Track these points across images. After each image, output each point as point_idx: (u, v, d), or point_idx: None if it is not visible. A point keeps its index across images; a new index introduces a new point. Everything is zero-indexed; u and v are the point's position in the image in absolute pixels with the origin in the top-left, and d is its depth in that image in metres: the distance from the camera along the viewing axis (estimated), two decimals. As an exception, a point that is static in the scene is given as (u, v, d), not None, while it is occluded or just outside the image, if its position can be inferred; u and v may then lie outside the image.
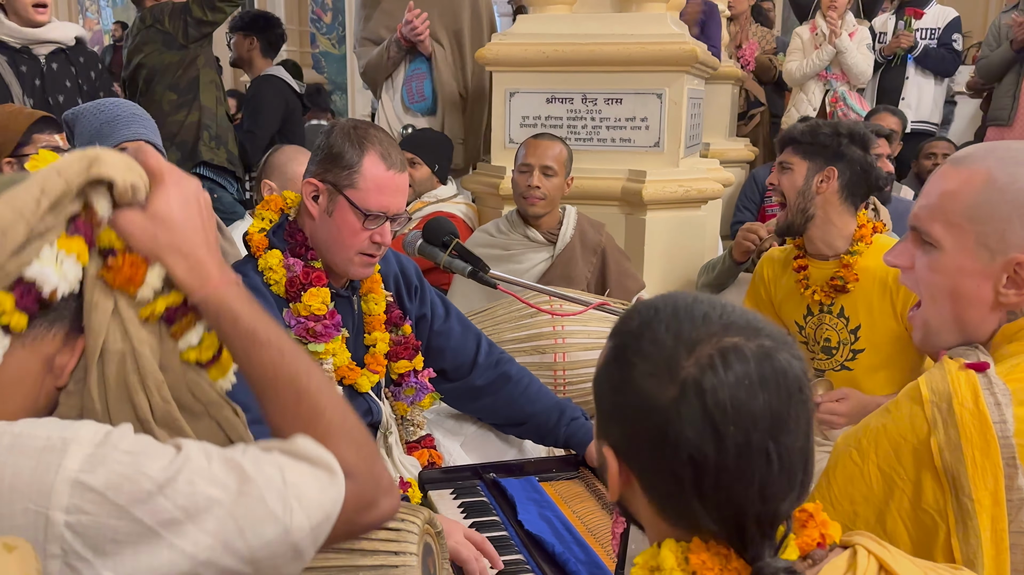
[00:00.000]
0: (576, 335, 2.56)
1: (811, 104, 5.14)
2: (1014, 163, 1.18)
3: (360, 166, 1.75)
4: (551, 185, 2.90)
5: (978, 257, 1.18)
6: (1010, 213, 1.16)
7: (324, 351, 1.80)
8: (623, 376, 0.88)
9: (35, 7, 3.35)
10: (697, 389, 0.82)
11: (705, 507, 0.84)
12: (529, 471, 1.94)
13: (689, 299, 0.90)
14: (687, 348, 0.85)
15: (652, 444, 0.85)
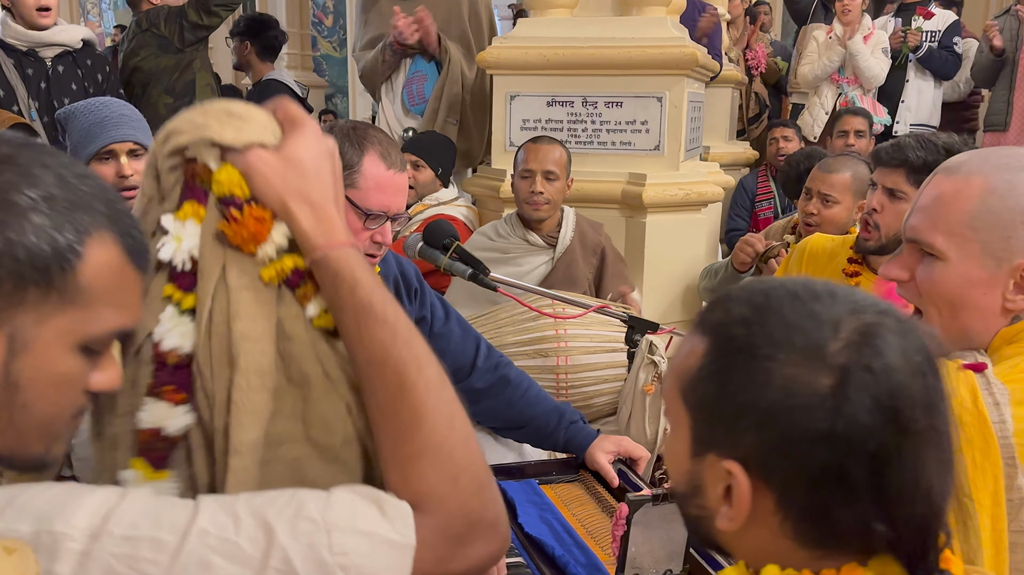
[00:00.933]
0: (578, 339, 2.57)
1: (824, 108, 5.15)
2: (1010, 170, 1.19)
3: (360, 166, 1.74)
4: (554, 189, 2.91)
5: (984, 265, 1.18)
6: (1014, 220, 1.16)
7: None
8: (755, 370, 0.75)
9: (39, 10, 3.36)
10: (864, 370, 0.72)
11: (882, 507, 0.73)
12: (529, 474, 1.94)
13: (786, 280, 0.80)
14: (831, 328, 0.74)
15: (809, 445, 0.72)
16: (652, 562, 1.43)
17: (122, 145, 2.21)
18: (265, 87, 4.61)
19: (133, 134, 2.23)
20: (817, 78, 5.18)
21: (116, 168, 2.20)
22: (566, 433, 1.99)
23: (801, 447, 0.73)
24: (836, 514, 0.73)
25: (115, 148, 2.20)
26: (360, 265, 0.87)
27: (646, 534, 1.41)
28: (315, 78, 9.54)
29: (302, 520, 0.75)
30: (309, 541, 0.74)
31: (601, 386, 2.60)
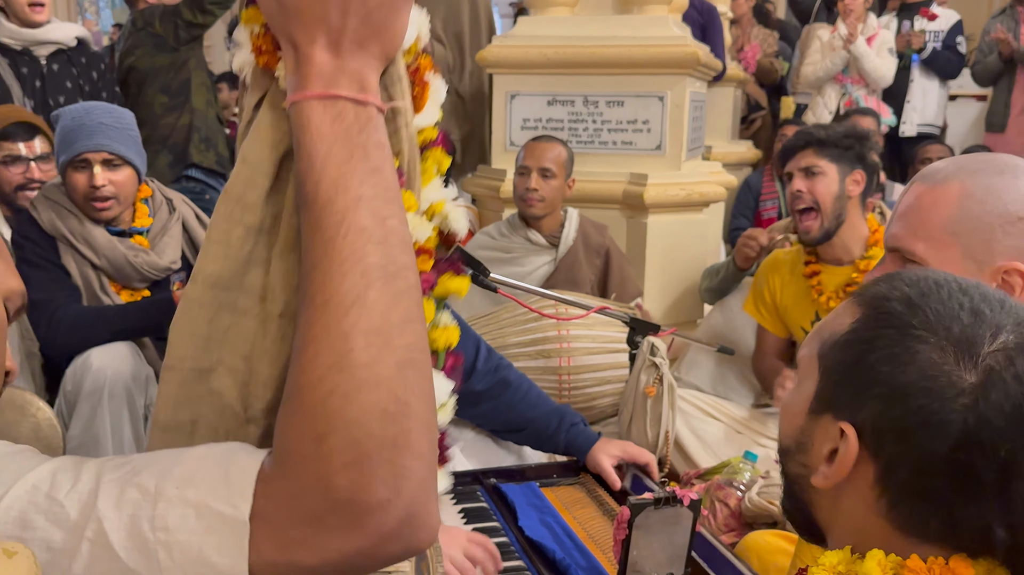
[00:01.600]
0: (581, 339, 2.55)
1: (827, 108, 5.14)
2: (986, 174, 1.21)
3: None
4: (549, 187, 2.89)
5: (966, 269, 1.20)
6: (992, 224, 1.18)
7: None
8: (902, 346, 0.75)
9: (31, 6, 3.34)
10: (1015, 377, 0.71)
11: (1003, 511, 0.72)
12: (530, 476, 1.93)
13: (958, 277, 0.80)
14: (991, 331, 0.74)
15: (931, 433, 0.72)
16: (654, 566, 1.41)
17: (96, 155, 2.20)
18: None
19: (109, 144, 2.20)
20: (820, 79, 5.16)
21: (88, 178, 2.20)
22: (567, 435, 1.98)
23: (923, 433, 0.73)
24: (955, 509, 0.73)
25: (89, 157, 2.19)
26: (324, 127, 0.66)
27: (648, 538, 1.39)
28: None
29: (132, 486, 0.62)
30: (132, 511, 0.61)
31: (604, 387, 2.59)
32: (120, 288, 2.31)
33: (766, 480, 2.18)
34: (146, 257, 2.30)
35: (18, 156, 2.51)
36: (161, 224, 2.38)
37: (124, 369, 2.13)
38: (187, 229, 2.45)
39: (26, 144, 2.53)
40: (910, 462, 0.74)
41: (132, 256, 2.28)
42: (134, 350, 2.22)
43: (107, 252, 2.26)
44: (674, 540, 1.41)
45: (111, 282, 2.30)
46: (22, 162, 2.51)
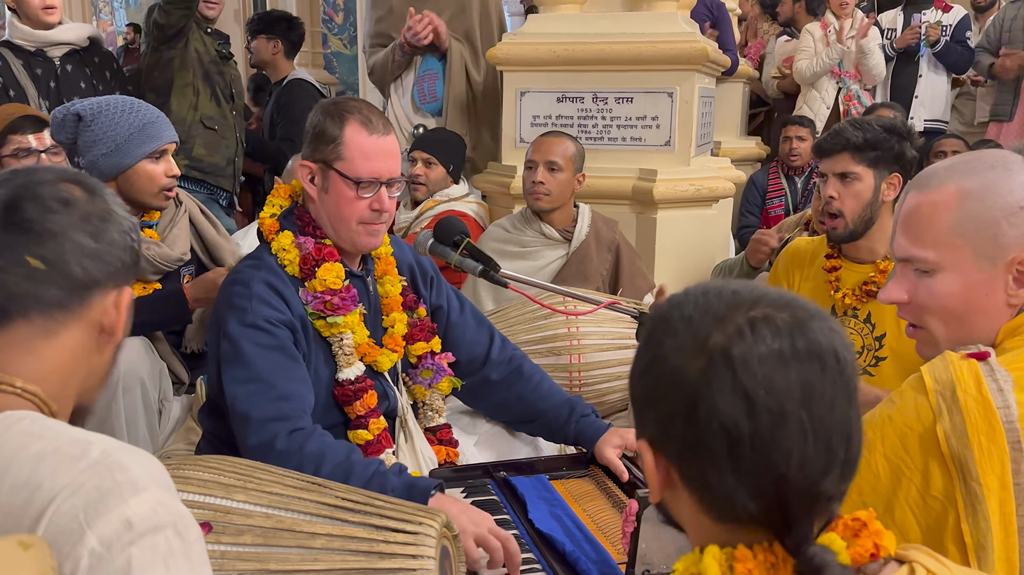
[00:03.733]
0: (591, 336, 2.56)
1: (824, 103, 5.12)
2: (980, 171, 1.23)
3: (342, 136, 1.78)
4: (556, 181, 2.90)
5: (980, 268, 1.22)
6: (996, 217, 1.21)
7: (343, 324, 1.83)
8: (652, 355, 0.86)
9: (44, 9, 3.37)
10: (726, 357, 0.81)
11: (742, 482, 0.81)
12: (540, 469, 1.94)
13: (720, 282, 0.89)
14: (716, 320, 0.83)
15: (685, 421, 0.82)
16: (663, 558, 1.43)
17: (171, 145, 2.35)
18: (293, 87, 4.60)
19: (176, 136, 2.38)
20: (815, 74, 5.15)
21: (166, 167, 2.32)
22: (576, 426, 1.99)
23: (680, 424, 0.83)
24: (714, 487, 0.82)
25: (167, 147, 2.33)
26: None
27: (656, 530, 1.41)
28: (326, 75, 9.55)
29: None
30: None
31: (614, 383, 2.60)
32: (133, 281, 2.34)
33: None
34: (158, 249, 2.34)
35: (29, 148, 2.53)
36: (169, 218, 2.42)
37: (138, 363, 2.16)
38: (194, 223, 2.48)
39: (36, 136, 2.55)
40: (683, 455, 0.84)
41: (145, 249, 2.30)
42: (147, 344, 2.25)
43: None
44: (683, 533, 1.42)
45: None
46: (33, 154, 2.53)
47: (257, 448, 1.63)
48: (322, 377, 1.84)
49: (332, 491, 1.42)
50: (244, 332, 1.72)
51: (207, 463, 1.45)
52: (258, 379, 1.69)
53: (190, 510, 1.31)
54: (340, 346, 1.85)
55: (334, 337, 1.85)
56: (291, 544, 1.30)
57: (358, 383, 1.85)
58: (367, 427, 1.85)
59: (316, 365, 1.83)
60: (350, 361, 1.85)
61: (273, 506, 1.35)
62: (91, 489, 0.83)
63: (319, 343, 1.85)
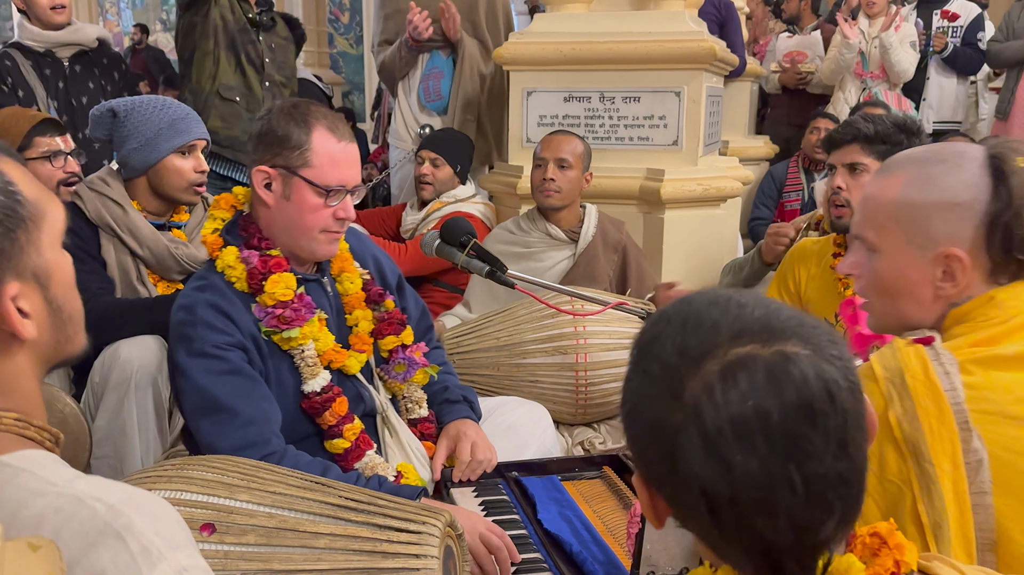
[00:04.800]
0: (598, 336, 2.56)
1: (848, 103, 5.11)
2: (928, 164, 1.27)
3: (310, 143, 1.71)
4: (566, 178, 2.89)
5: (911, 255, 1.26)
6: (929, 210, 1.24)
7: (300, 336, 1.76)
8: (635, 400, 0.81)
9: (53, 9, 3.38)
10: (696, 415, 0.73)
11: (729, 544, 0.76)
12: (552, 470, 1.94)
13: (704, 302, 0.80)
14: (690, 366, 0.76)
15: (668, 474, 0.77)
16: (668, 560, 1.42)
17: (201, 142, 2.39)
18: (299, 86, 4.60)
19: (207, 133, 2.42)
20: (835, 72, 5.14)
21: (195, 163, 2.37)
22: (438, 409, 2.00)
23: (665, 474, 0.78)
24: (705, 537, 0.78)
25: (196, 143, 2.37)
26: None
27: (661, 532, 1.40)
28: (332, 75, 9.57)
29: None
30: None
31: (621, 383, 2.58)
32: (158, 279, 2.38)
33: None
34: (186, 250, 2.37)
35: (57, 150, 2.55)
36: (197, 220, 2.47)
37: (151, 361, 2.16)
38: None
39: (61, 139, 2.58)
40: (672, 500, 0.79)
41: (173, 248, 2.35)
42: (161, 343, 2.25)
43: (150, 243, 2.32)
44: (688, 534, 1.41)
45: (149, 273, 2.36)
46: (61, 155, 2.55)
47: None
48: (287, 389, 1.78)
49: (335, 491, 1.41)
50: (194, 363, 1.66)
51: (211, 463, 1.45)
52: (218, 408, 1.65)
53: (194, 510, 1.32)
54: (302, 358, 1.78)
55: (294, 350, 1.78)
56: (294, 544, 1.29)
57: (325, 393, 1.79)
58: (342, 435, 1.80)
59: (279, 378, 1.77)
60: (314, 372, 1.78)
61: (276, 506, 1.35)
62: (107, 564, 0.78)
63: (279, 356, 1.78)
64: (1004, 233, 1.21)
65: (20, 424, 0.88)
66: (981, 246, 1.23)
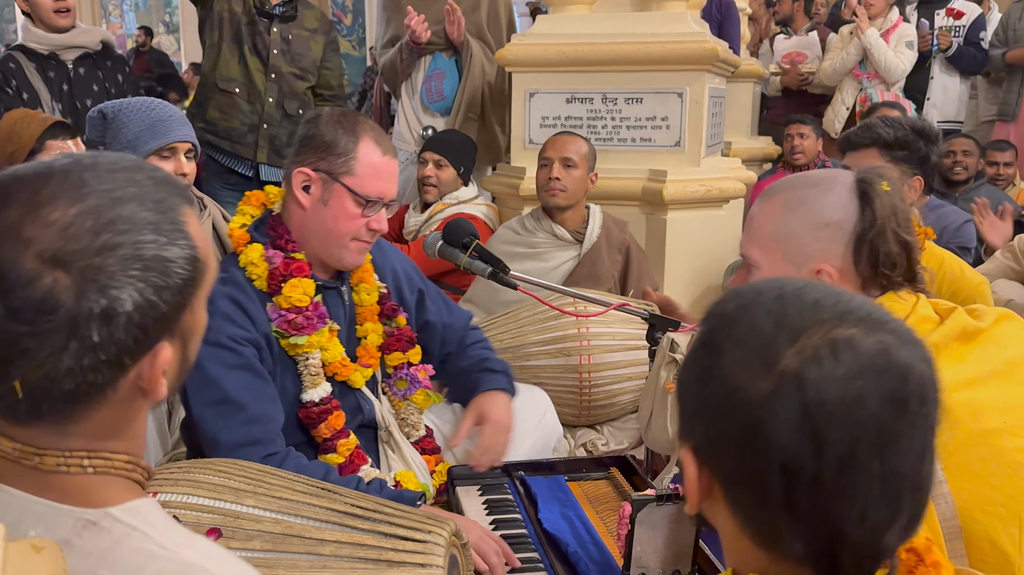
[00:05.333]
0: (601, 337, 2.56)
1: (845, 104, 5.10)
2: (803, 187, 1.38)
3: (356, 152, 1.74)
4: (572, 177, 2.90)
5: (787, 271, 1.35)
6: (801, 230, 1.34)
7: (307, 344, 1.77)
8: (710, 363, 0.77)
9: (57, 12, 3.39)
10: (798, 383, 0.71)
11: (796, 526, 0.72)
12: (559, 470, 1.95)
13: (799, 283, 0.79)
14: (790, 336, 0.73)
15: (739, 445, 0.74)
16: (659, 562, 1.42)
17: (183, 144, 2.33)
18: None
19: (191, 135, 2.36)
20: (836, 72, 5.13)
21: (175, 166, 2.31)
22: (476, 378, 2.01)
23: (733, 447, 0.75)
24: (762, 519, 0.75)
25: (177, 146, 2.31)
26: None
27: (651, 534, 1.41)
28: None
29: None
30: None
31: (624, 384, 2.59)
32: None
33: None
34: None
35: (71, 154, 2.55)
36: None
37: None
38: (216, 229, 2.50)
39: (73, 142, 2.58)
40: (736, 478, 0.76)
41: None
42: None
43: None
44: (679, 537, 1.42)
45: None
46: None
47: None
48: (288, 395, 1.78)
49: (342, 497, 1.42)
50: (208, 352, 1.65)
51: (217, 467, 1.45)
52: (226, 401, 1.65)
53: (200, 514, 1.32)
54: (306, 366, 1.79)
55: (299, 356, 1.79)
56: (300, 550, 1.30)
57: (322, 405, 1.79)
58: (336, 450, 1.80)
59: (283, 383, 1.78)
60: (316, 381, 1.79)
61: (283, 511, 1.35)
62: None
63: (285, 361, 1.79)
64: (870, 250, 1.32)
65: (130, 467, 0.86)
66: (851, 262, 1.33)
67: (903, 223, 1.33)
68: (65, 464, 0.81)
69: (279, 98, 3.66)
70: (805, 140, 4.59)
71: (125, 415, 0.84)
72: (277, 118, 3.67)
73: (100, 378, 0.78)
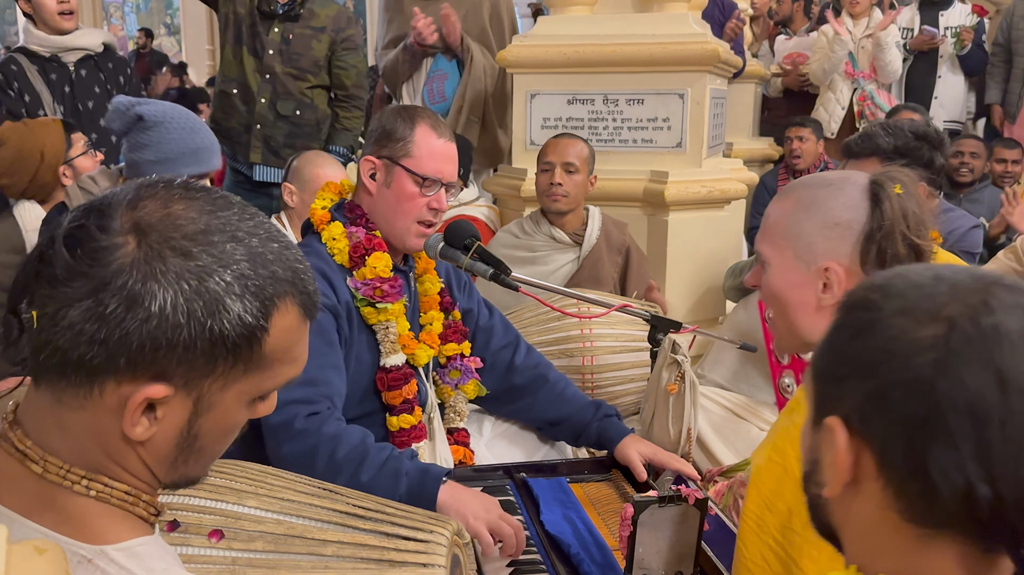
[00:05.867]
0: (604, 338, 2.56)
1: (840, 104, 5.10)
2: (816, 187, 1.41)
3: (413, 136, 1.89)
4: (573, 182, 2.90)
5: (797, 268, 1.39)
6: (812, 228, 1.37)
7: (391, 311, 1.88)
8: (866, 320, 0.76)
9: (61, 15, 3.40)
10: (974, 325, 0.70)
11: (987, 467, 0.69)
12: (561, 472, 1.95)
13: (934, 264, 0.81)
14: (951, 291, 0.73)
15: (910, 394, 0.71)
16: (661, 563, 1.42)
17: (213, 171, 2.43)
18: None
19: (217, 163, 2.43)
20: (826, 72, 5.13)
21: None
22: (599, 426, 2.03)
23: (898, 396, 0.72)
24: (934, 469, 0.70)
25: (208, 173, 2.39)
26: None
27: (654, 535, 1.41)
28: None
29: None
30: None
31: (627, 385, 2.59)
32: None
33: (789, 477, 2.17)
34: None
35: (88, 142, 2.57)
36: None
37: None
38: None
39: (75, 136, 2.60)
40: (898, 434, 0.72)
41: None
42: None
43: None
44: (681, 538, 1.43)
45: None
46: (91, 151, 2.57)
47: (278, 426, 1.68)
48: (364, 364, 1.90)
49: (344, 498, 1.42)
50: None
51: (219, 468, 1.45)
52: None
53: (202, 515, 1.32)
54: (386, 334, 1.90)
55: (380, 324, 1.90)
56: (302, 551, 1.30)
57: (404, 369, 1.91)
58: (412, 412, 1.91)
59: (359, 351, 1.89)
60: (394, 348, 1.91)
61: (285, 512, 1.36)
62: None
63: (363, 331, 1.90)
64: (878, 251, 1.34)
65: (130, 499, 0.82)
66: (857, 262, 1.35)
67: (914, 226, 1.35)
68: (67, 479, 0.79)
69: (272, 98, 3.66)
70: (805, 143, 4.59)
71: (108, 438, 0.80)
72: (270, 118, 3.66)
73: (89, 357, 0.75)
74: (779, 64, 5.74)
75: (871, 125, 2.37)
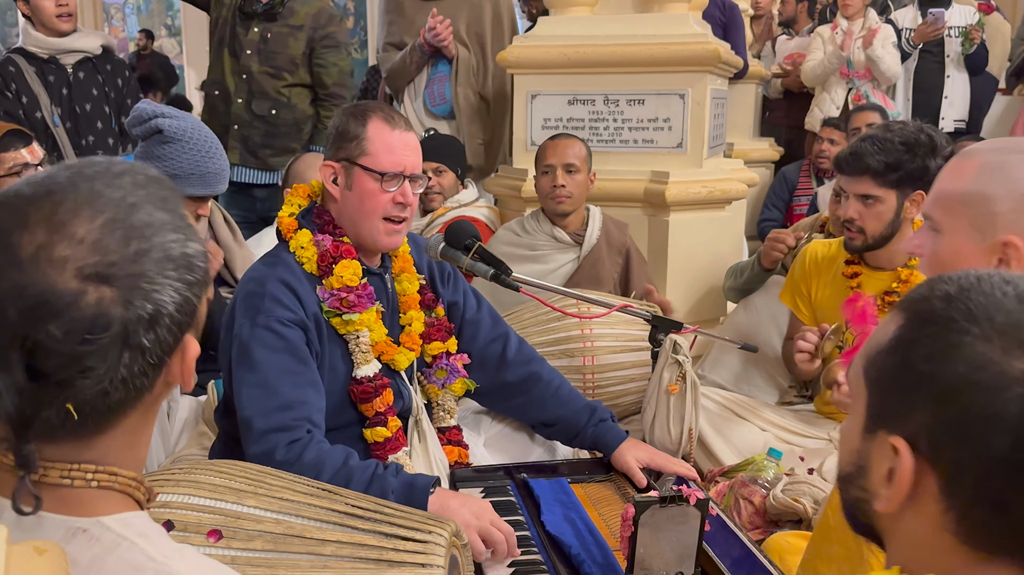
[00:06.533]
0: (604, 338, 2.56)
1: (835, 103, 5.09)
2: (1005, 152, 1.29)
3: (366, 132, 1.83)
4: (575, 183, 2.91)
5: (971, 238, 1.28)
6: (996, 196, 1.25)
7: (358, 321, 1.84)
8: (944, 341, 0.72)
9: (59, 17, 3.40)
10: None
11: None
12: (561, 472, 1.95)
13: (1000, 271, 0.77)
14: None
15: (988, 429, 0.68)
16: (662, 564, 1.42)
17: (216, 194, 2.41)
18: None
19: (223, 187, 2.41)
20: (819, 77, 5.12)
21: (199, 208, 2.36)
22: (595, 431, 2.00)
23: (978, 429, 0.69)
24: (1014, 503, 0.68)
25: (211, 195, 2.38)
26: None
27: (654, 536, 1.40)
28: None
29: None
30: None
31: (628, 385, 2.59)
32: None
33: (791, 477, 2.17)
34: None
35: (26, 163, 2.47)
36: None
37: None
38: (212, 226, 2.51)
39: (28, 150, 2.52)
40: (972, 464, 0.69)
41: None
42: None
43: None
44: (683, 539, 1.42)
45: None
46: (30, 167, 2.49)
47: (258, 457, 1.64)
48: (338, 375, 1.85)
49: (343, 498, 1.42)
50: (255, 334, 1.73)
51: (219, 468, 1.45)
52: (263, 384, 1.70)
53: (201, 514, 1.32)
54: (357, 343, 1.86)
55: (350, 335, 1.85)
56: (301, 550, 1.29)
57: (376, 380, 1.86)
58: (386, 424, 1.86)
59: (332, 362, 1.84)
60: (367, 358, 1.86)
61: (284, 512, 1.35)
62: None
63: (335, 341, 1.86)
64: None
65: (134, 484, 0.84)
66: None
67: None
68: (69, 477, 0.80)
69: (248, 98, 3.65)
70: (835, 146, 4.48)
71: (146, 418, 0.84)
72: (246, 118, 3.66)
73: (146, 382, 0.79)
74: (780, 64, 5.74)
75: (861, 140, 2.29)
